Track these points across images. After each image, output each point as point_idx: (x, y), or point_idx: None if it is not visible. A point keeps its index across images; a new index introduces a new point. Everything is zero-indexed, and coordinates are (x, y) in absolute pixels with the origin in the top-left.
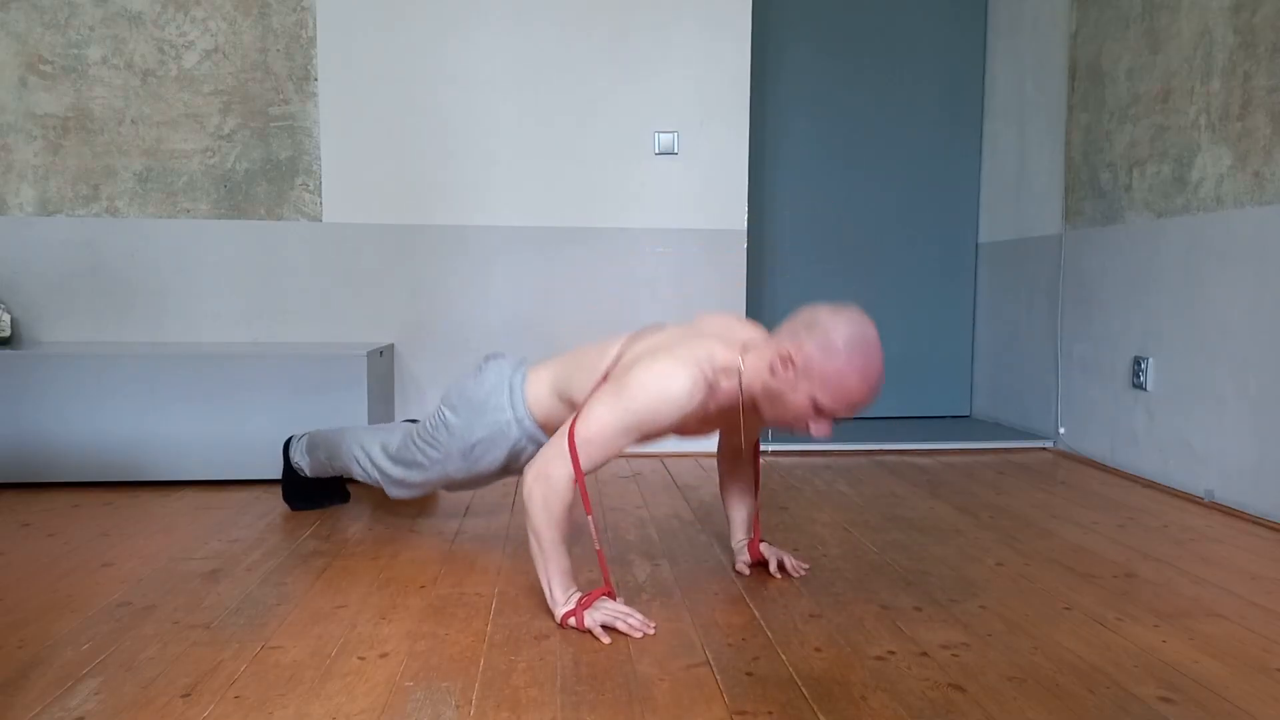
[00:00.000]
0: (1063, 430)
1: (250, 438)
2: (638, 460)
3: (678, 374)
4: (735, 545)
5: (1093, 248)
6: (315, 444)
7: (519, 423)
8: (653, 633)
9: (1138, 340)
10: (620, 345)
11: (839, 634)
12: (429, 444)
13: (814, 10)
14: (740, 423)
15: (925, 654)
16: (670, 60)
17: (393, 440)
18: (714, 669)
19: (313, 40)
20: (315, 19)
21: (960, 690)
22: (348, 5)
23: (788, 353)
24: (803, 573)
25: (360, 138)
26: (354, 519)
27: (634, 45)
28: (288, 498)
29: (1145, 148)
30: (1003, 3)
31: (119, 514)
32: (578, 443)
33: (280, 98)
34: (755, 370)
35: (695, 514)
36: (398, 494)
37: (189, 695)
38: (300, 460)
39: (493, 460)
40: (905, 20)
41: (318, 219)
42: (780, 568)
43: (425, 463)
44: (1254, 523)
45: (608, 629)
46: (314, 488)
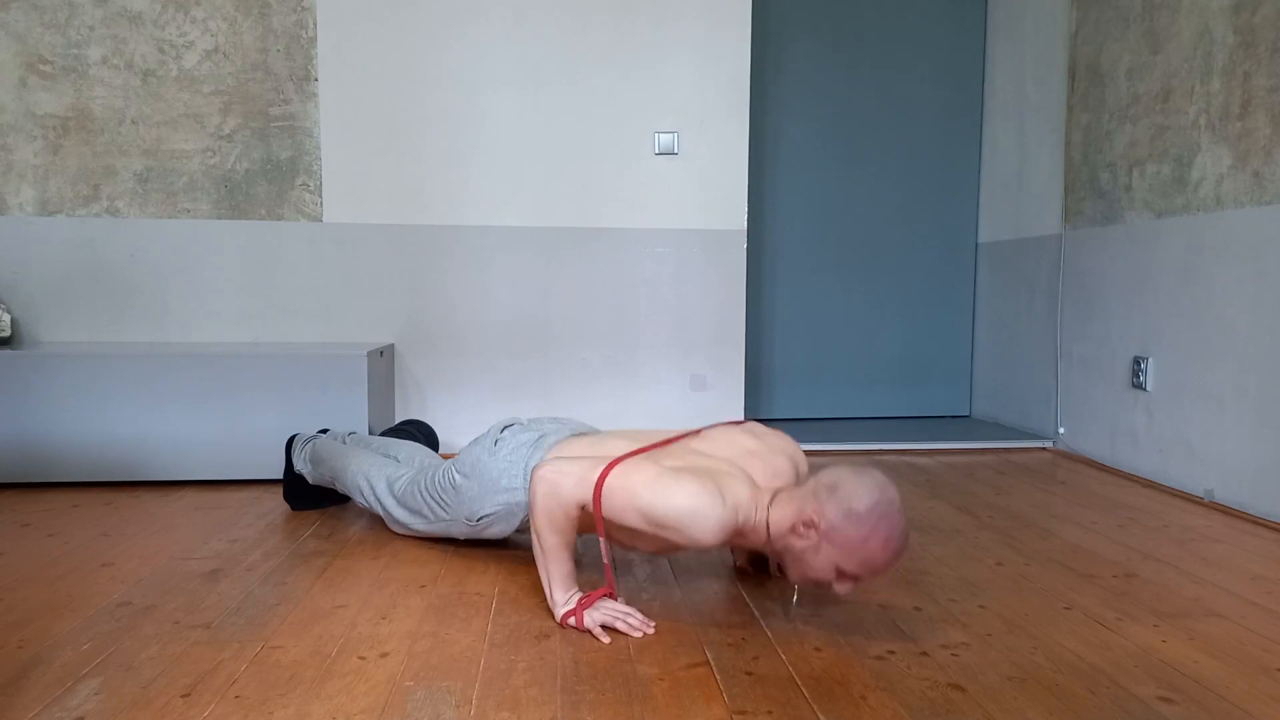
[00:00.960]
0: (1062, 430)
1: (250, 438)
2: None
3: (717, 510)
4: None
5: (1092, 248)
6: (320, 458)
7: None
8: (652, 632)
9: (1137, 340)
10: (655, 438)
11: (839, 634)
12: (437, 501)
13: (814, 10)
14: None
15: (925, 654)
16: (670, 60)
17: (400, 479)
18: (714, 669)
19: (313, 40)
20: (315, 19)
21: (960, 690)
22: (348, 5)
23: (810, 518)
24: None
25: (360, 138)
26: (354, 519)
27: (634, 45)
28: (288, 498)
29: (1145, 148)
30: (1003, 3)
31: (119, 514)
32: (604, 487)
33: (280, 98)
34: (779, 528)
35: None
36: (397, 530)
37: (189, 695)
38: (303, 468)
39: (500, 532)
40: (905, 20)
41: (318, 219)
42: (780, 568)
43: (430, 516)
44: (1254, 523)
45: (607, 629)
46: (315, 488)
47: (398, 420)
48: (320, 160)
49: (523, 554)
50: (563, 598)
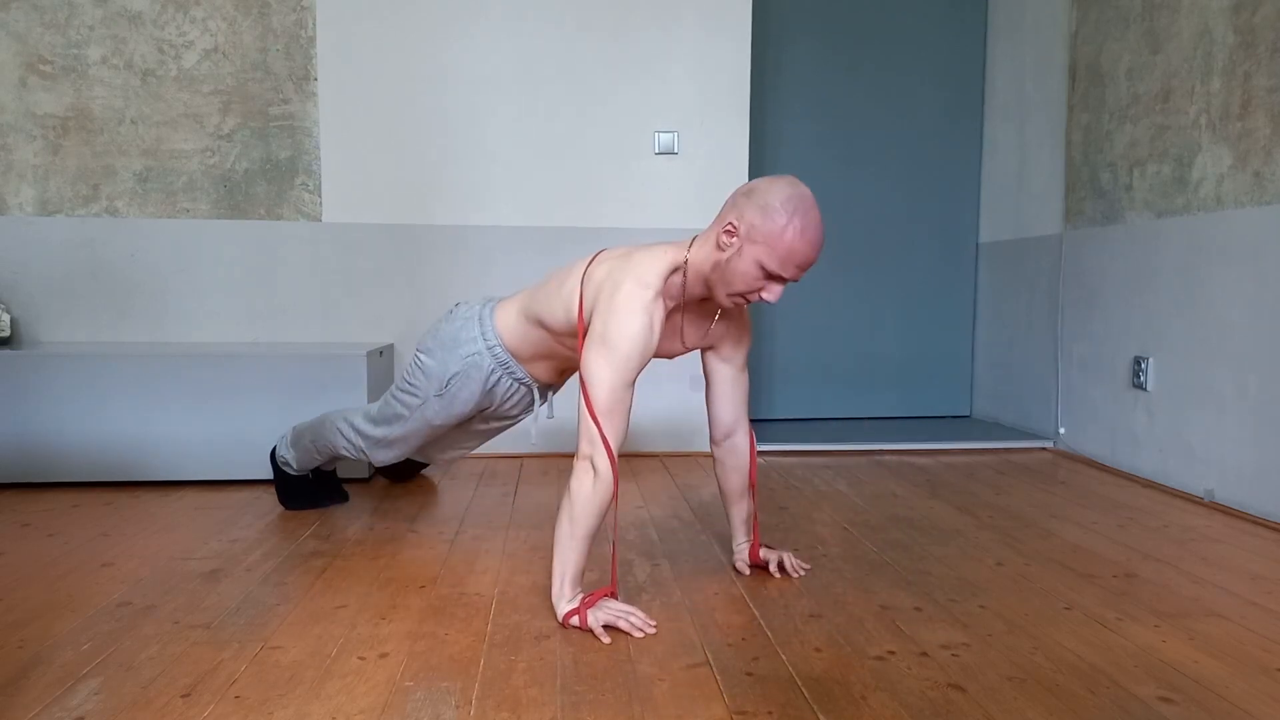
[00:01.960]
0: (1063, 430)
1: (250, 438)
2: (637, 460)
3: (649, 301)
4: (735, 546)
5: (1093, 247)
6: (299, 433)
7: (490, 351)
8: (653, 632)
9: (1138, 340)
10: (583, 267)
11: (839, 634)
12: (406, 392)
13: (814, 10)
14: (708, 331)
15: (925, 654)
16: (670, 60)
17: (373, 406)
18: (714, 669)
19: (313, 40)
20: (315, 19)
21: (960, 690)
22: (348, 5)
23: (730, 224)
24: (803, 573)
25: (360, 138)
26: (354, 519)
27: (634, 45)
28: (283, 499)
29: (1145, 148)
30: (1003, 3)
31: (119, 514)
32: (600, 419)
33: (280, 98)
34: (703, 253)
35: (695, 514)
36: (382, 457)
37: (189, 695)
38: (286, 454)
39: (469, 395)
40: (905, 20)
41: (318, 219)
42: (780, 568)
43: (405, 413)
44: (1254, 523)
45: (608, 628)
46: (310, 485)
47: None
48: (320, 160)
49: (523, 554)
50: (570, 593)
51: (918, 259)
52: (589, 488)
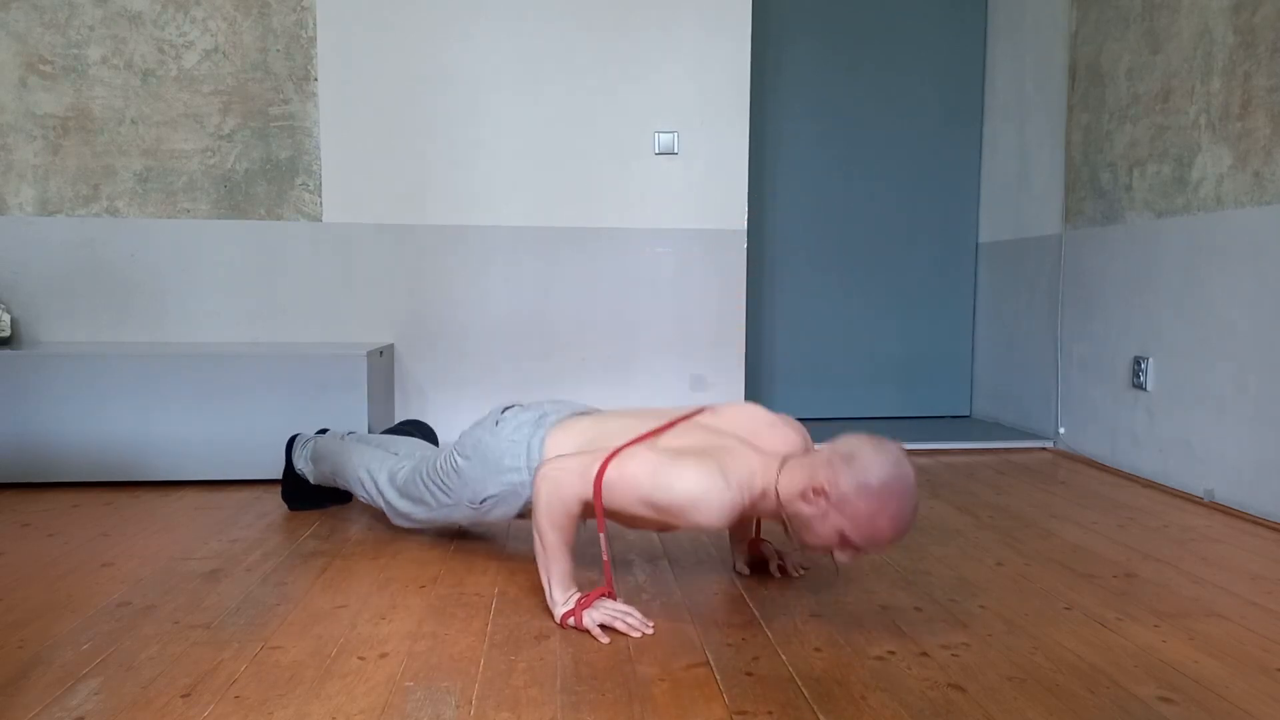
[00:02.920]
0: (1063, 430)
1: (250, 438)
2: None
3: (720, 494)
4: (735, 545)
5: (1093, 247)
6: (320, 455)
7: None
8: (651, 632)
9: (1138, 340)
10: (661, 419)
11: (839, 634)
12: (439, 487)
13: (814, 10)
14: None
15: (925, 654)
16: (670, 60)
17: (400, 470)
18: (714, 669)
19: (313, 40)
20: (315, 19)
21: (960, 690)
22: (348, 5)
23: (821, 485)
24: (802, 573)
25: (360, 138)
26: (354, 519)
27: (634, 45)
28: (287, 497)
29: (1145, 148)
30: (1003, 3)
31: (119, 514)
32: (604, 480)
33: (280, 98)
34: (788, 492)
35: None
36: (400, 523)
37: (189, 695)
38: (304, 467)
39: (503, 514)
40: (905, 20)
41: (318, 219)
42: (780, 568)
43: (432, 504)
44: (1254, 523)
45: (606, 629)
46: (314, 488)
47: (397, 420)
48: (320, 160)
49: (523, 554)
50: (562, 597)
51: (918, 259)
52: (545, 503)
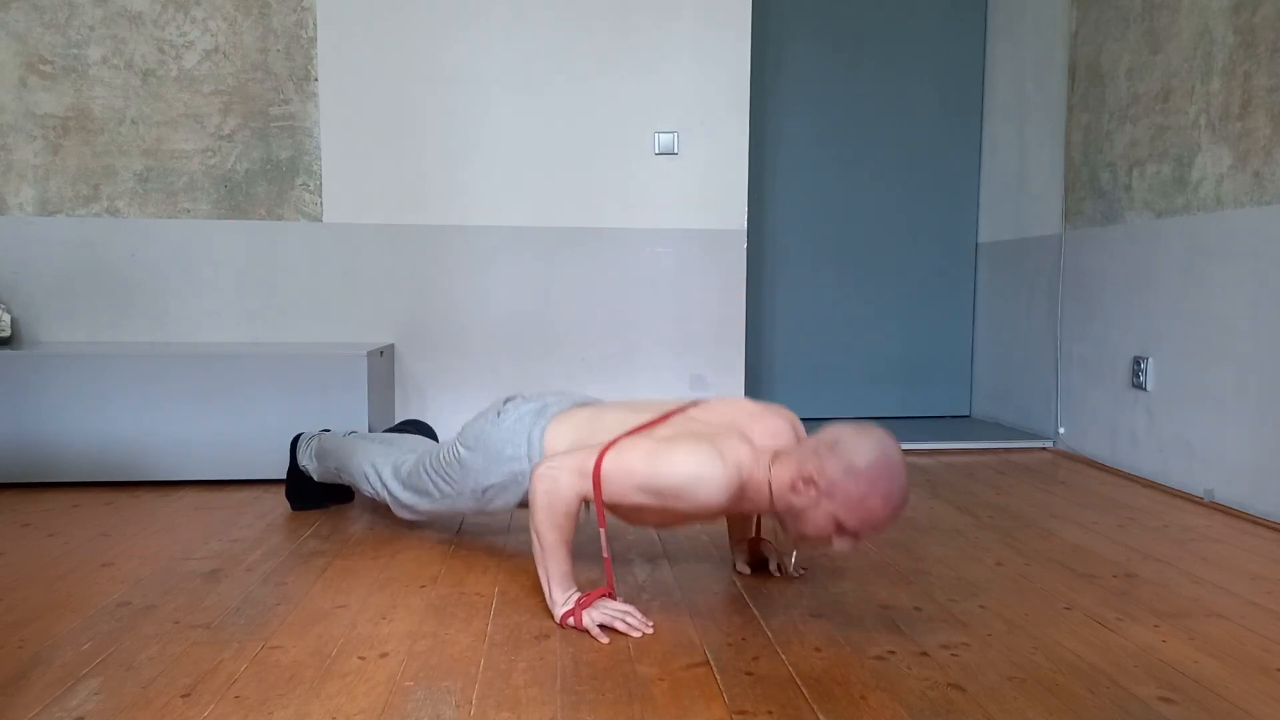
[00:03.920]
0: (1062, 430)
1: (250, 438)
2: None
3: (718, 471)
4: (735, 545)
5: (1092, 248)
6: (325, 452)
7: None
8: (651, 632)
9: (1138, 340)
10: (655, 412)
11: (839, 634)
12: (442, 478)
13: (814, 10)
14: (750, 516)
15: (925, 654)
16: (670, 60)
17: (405, 463)
18: (714, 669)
19: (313, 40)
20: (315, 19)
21: (960, 690)
22: (348, 5)
23: (810, 474)
24: (801, 573)
25: (360, 138)
26: (355, 519)
27: (634, 45)
28: (290, 496)
29: (1145, 148)
30: (1003, 3)
31: (119, 514)
32: (602, 472)
33: (280, 98)
34: (780, 485)
35: None
36: (404, 515)
37: (189, 695)
38: (308, 464)
39: (505, 503)
40: (905, 20)
41: (318, 219)
42: (780, 568)
43: (436, 494)
44: (1254, 523)
45: (606, 629)
46: (317, 488)
47: (397, 420)
48: (320, 160)
49: (523, 554)
50: (561, 597)
51: (918, 259)
52: (543, 502)
